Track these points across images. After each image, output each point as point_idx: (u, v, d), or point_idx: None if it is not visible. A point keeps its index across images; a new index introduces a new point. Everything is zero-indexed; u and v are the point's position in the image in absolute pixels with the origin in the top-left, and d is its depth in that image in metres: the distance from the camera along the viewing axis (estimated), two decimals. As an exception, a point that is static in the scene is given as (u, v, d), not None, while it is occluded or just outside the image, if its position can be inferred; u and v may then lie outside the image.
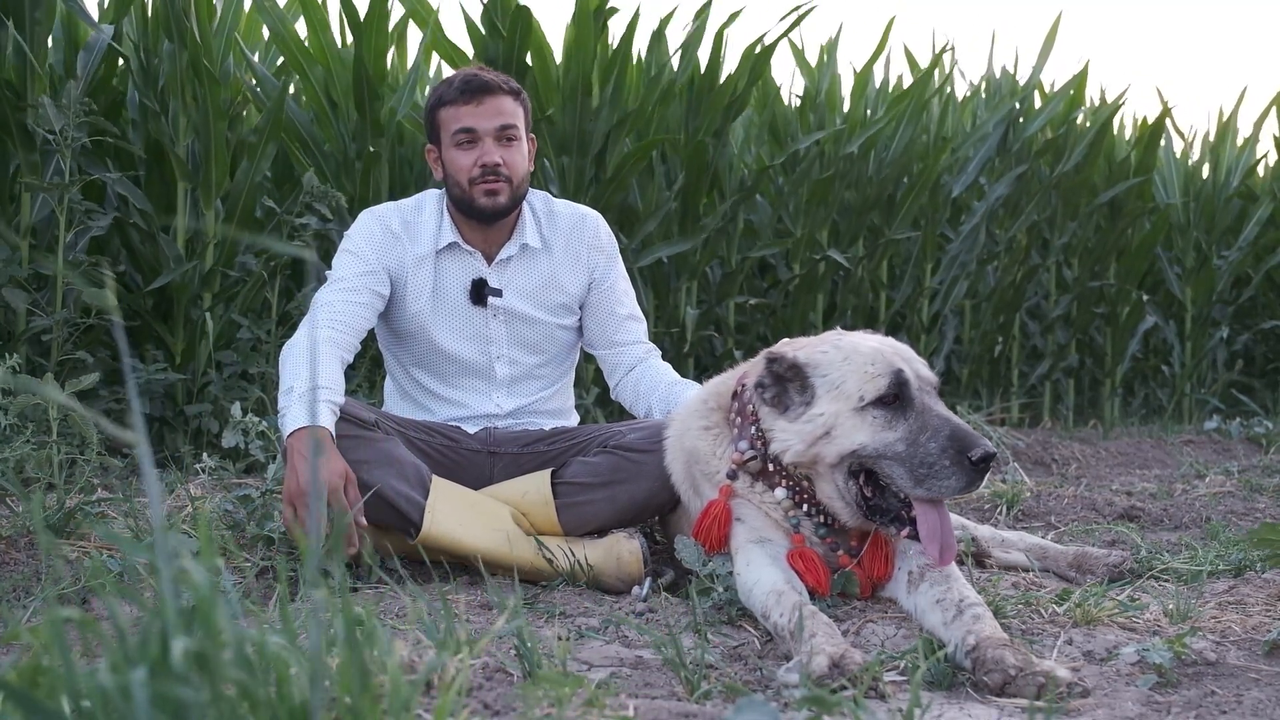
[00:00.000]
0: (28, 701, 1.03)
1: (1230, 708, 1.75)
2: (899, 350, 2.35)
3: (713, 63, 5.67)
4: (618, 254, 3.16)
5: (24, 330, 4.16)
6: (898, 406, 2.24)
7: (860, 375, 2.26)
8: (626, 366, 3.14)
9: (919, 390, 2.27)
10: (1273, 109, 8.47)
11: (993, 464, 2.20)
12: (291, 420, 2.56)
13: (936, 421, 2.22)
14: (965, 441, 2.17)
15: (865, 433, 2.24)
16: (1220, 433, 6.67)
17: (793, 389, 2.33)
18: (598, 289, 3.10)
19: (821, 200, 6.40)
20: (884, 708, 1.73)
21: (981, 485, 2.24)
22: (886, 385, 2.24)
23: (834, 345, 2.35)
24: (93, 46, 4.53)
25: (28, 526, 2.82)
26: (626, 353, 3.14)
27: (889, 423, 2.24)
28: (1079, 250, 7.75)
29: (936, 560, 2.21)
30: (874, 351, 2.30)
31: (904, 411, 2.24)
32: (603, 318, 3.12)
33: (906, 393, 2.24)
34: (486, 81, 2.93)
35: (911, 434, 2.21)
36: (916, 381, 2.27)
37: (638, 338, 3.16)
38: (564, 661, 1.74)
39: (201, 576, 1.07)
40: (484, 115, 2.90)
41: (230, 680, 1.02)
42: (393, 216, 3.01)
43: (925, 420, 2.22)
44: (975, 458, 2.15)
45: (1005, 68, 7.71)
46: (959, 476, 2.16)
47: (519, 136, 2.95)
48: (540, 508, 2.76)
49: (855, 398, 2.25)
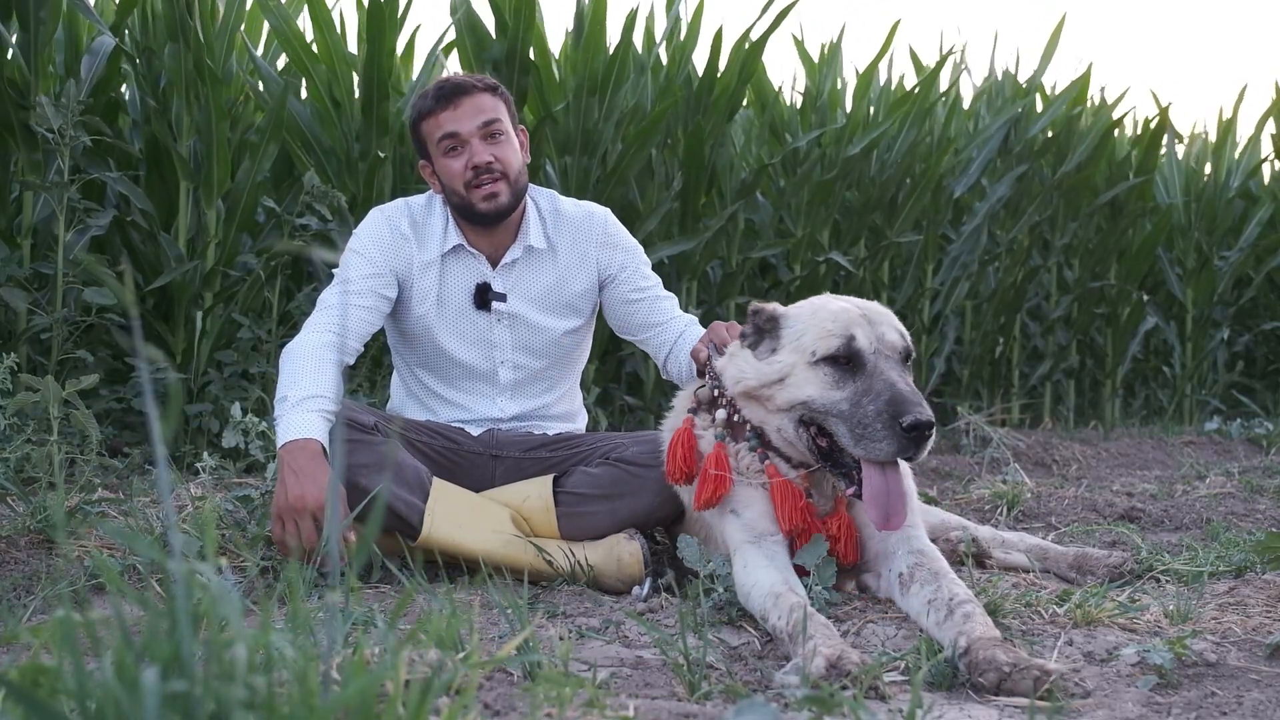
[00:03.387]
0: (30, 700, 1.03)
1: (1230, 709, 1.75)
2: (870, 314, 2.42)
3: (711, 61, 5.67)
4: (633, 244, 3.10)
5: (24, 329, 4.16)
6: (849, 367, 2.33)
7: (818, 331, 2.37)
8: (671, 342, 3.04)
9: (874, 354, 2.34)
10: (1272, 115, 8.46)
11: (929, 434, 2.23)
12: (283, 431, 2.56)
13: (880, 385, 2.29)
14: (900, 407, 2.24)
15: (814, 386, 2.35)
16: (1221, 434, 6.67)
17: (768, 337, 2.47)
18: (617, 282, 3.05)
19: (823, 201, 6.40)
20: (884, 708, 1.73)
21: (920, 454, 2.26)
22: (838, 345, 2.34)
23: (810, 303, 2.49)
24: (97, 49, 4.54)
25: (28, 526, 2.82)
26: (667, 329, 3.06)
27: (837, 381, 2.33)
28: (1080, 251, 7.75)
29: (878, 524, 2.28)
30: (840, 311, 2.41)
31: (854, 373, 2.33)
32: (632, 306, 3.06)
33: (858, 355, 2.33)
34: (460, 83, 2.90)
35: (856, 395, 2.30)
36: (874, 345, 2.35)
37: (673, 313, 3.08)
38: (565, 662, 1.74)
39: (213, 576, 1.07)
40: (465, 116, 2.87)
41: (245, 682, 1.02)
42: (402, 217, 2.98)
43: (871, 383, 2.30)
44: (905, 424, 2.22)
45: (1008, 69, 7.71)
46: (890, 441, 2.23)
47: (505, 130, 2.91)
48: (541, 513, 2.76)
49: (809, 352, 2.36)
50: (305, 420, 2.57)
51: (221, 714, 1.04)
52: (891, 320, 2.44)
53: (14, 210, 4.43)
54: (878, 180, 6.63)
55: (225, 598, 1.08)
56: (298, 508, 2.48)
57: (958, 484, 4.52)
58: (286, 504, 2.49)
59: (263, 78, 5.05)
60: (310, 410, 2.59)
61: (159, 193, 4.74)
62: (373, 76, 4.88)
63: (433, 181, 2.98)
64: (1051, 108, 7.39)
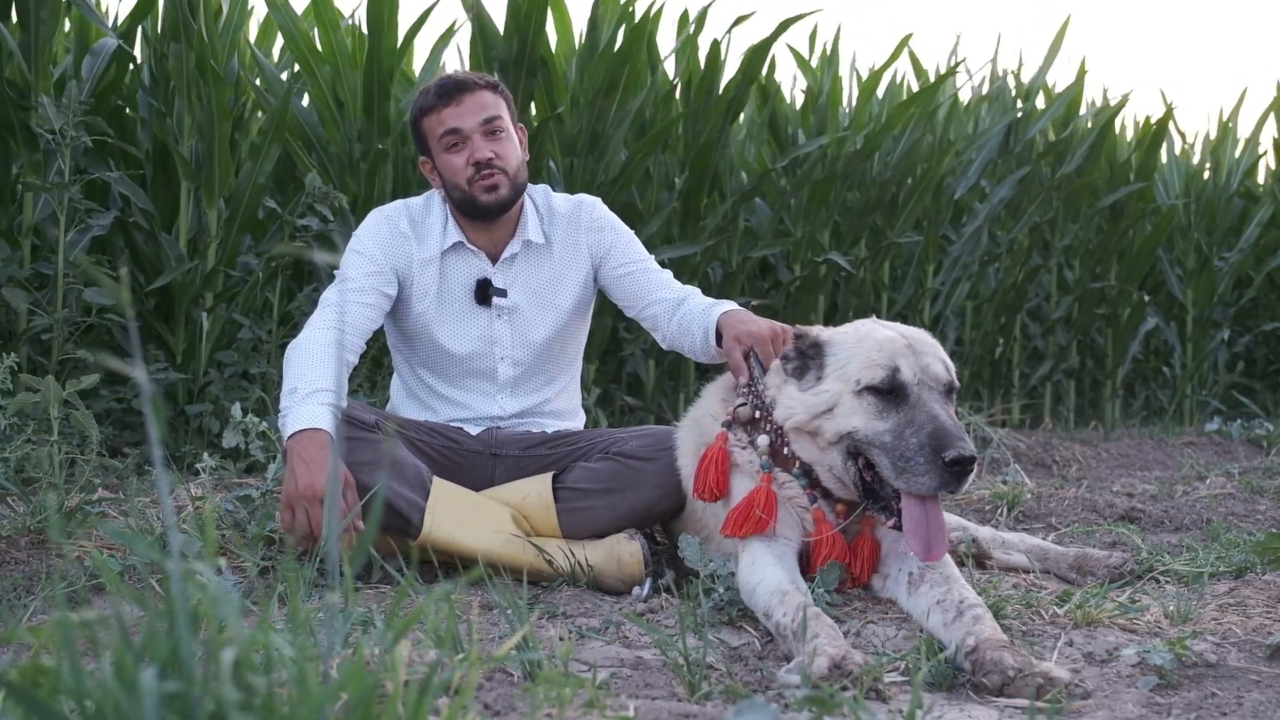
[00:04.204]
0: (30, 701, 1.03)
1: (1231, 710, 1.75)
2: (915, 344, 2.38)
3: (711, 64, 5.67)
4: (622, 225, 3.10)
5: (25, 330, 4.16)
6: (892, 398, 2.30)
7: (863, 360, 2.34)
8: (666, 315, 3.00)
9: (918, 385, 2.30)
10: (1272, 112, 8.46)
11: (971, 469, 2.21)
12: (293, 421, 2.57)
13: (923, 418, 2.26)
14: (943, 441, 2.21)
15: (860, 417, 2.31)
16: (1221, 434, 6.67)
17: (813, 365, 2.43)
18: (608, 261, 3.05)
19: (823, 201, 6.40)
20: (884, 709, 1.73)
21: (961, 489, 2.24)
22: (882, 376, 2.31)
23: (855, 329, 2.45)
24: (99, 50, 4.54)
25: (28, 526, 2.82)
26: (659, 302, 3.01)
27: (880, 412, 2.30)
28: (1080, 251, 7.75)
29: (919, 555, 2.25)
30: (886, 340, 2.37)
31: (898, 404, 2.29)
32: (624, 280, 3.05)
33: (901, 386, 2.30)
34: (462, 80, 2.93)
35: (899, 426, 2.27)
36: (918, 376, 2.31)
37: (665, 285, 3.04)
38: (565, 662, 1.74)
39: (211, 577, 1.07)
40: (466, 113, 2.89)
41: (242, 683, 1.02)
42: (401, 216, 3.00)
43: (914, 415, 2.27)
44: (948, 459, 2.19)
45: (1009, 70, 7.72)
46: (932, 475, 2.21)
47: (505, 128, 2.94)
48: (541, 511, 2.77)
49: (854, 381, 2.33)
50: (315, 411, 2.58)
51: (221, 714, 1.04)
52: (937, 351, 2.41)
53: (15, 210, 4.43)
54: (878, 181, 6.63)
55: (224, 598, 1.08)
56: (307, 495, 2.48)
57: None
58: (296, 492, 2.49)
59: (265, 78, 5.05)
60: (320, 403, 2.60)
61: (162, 193, 4.74)
62: (373, 76, 4.88)
63: (433, 178, 3.00)
64: (1052, 107, 7.39)
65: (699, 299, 2.97)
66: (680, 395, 5.92)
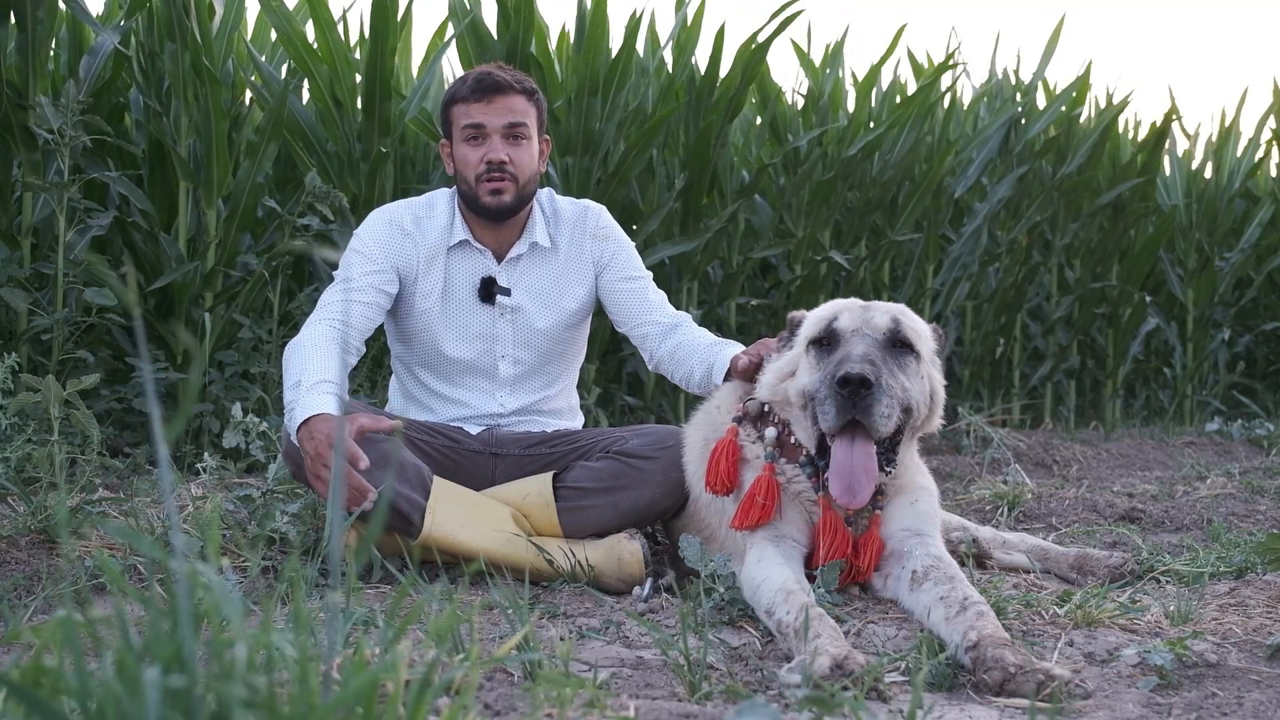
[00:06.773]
0: (31, 700, 1.03)
1: (1231, 710, 1.75)
2: (874, 305, 2.44)
3: (713, 63, 5.67)
4: (625, 238, 3.14)
5: (25, 329, 4.16)
6: (828, 348, 2.36)
7: (812, 320, 2.44)
8: (658, 337, 3.05)
9: (852, 334, 2.34)
10: (1272, 114, 8.46)
11: (861, 389, 2.18)
12: (301, 411, 2.56)
13: (839, 356, 2.29)
14: (838, 366, 2.25)
15: (805, 373, 2.39)
16: (1221, 434, 6.67)
17: (791, 340, 2.53)
18: (609, 271, 3.08)
19: (823, 201, 6.40)
20: (885, 709, 1.73)
21: (870, 418, 2.19)
22: (820, 329, 2.39)
23: (828, 303, 2.53)
24: (97, 49, 4.54)
25: (29, 526, 2.82)
26: (653, 323, 3.06)
27: (819, 362, 2.37)
28: (1081, 251, 7.75)
29: (838, 496, 2.27)
30: (839, 304, 2.46)
31: (831, 352, 2.35)
32: (621, 295, 3.08)
33: (834, 334, 2.36)
34: (499, 80, 2.94)
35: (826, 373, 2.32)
36: (853, 326, 2.36)
37: (661, 307, 3.10)
38: (566, 662, 1.74)
39: (214, 576, 1.07)
40: (494, 112, 2.92)
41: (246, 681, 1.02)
42: (404, 215, 3.01)
43: (835, 357, 2.31)
44: (836, 379, 2.20)
45: (1008, 69, 7.72)
46: (830, 402, 2.24)
47: (529, 135, 2.95)
48: (541, 510, 2.77)
49: (804, 340, 2.42)
50: (321, 400, 2.58)
51: (222, 714, 1.04)
52: (894, 309, 2.42)
53: (14, 210, 4.44)
54: (878, 180, 6.63)
55: (227, 598, 1.08)
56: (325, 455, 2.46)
57: (958, 484, 4.52)
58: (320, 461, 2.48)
59: (263, 77, 5.05)
60: (325, 393, 2.60)
61: (160, 193, 4.74)
62: (375, 76, 4.88)
63: (448, 163, 3.03)
64: (1052, 107, 7.39)
65: (694, 330, 3.02)
66: (680, 395, 5.92)
